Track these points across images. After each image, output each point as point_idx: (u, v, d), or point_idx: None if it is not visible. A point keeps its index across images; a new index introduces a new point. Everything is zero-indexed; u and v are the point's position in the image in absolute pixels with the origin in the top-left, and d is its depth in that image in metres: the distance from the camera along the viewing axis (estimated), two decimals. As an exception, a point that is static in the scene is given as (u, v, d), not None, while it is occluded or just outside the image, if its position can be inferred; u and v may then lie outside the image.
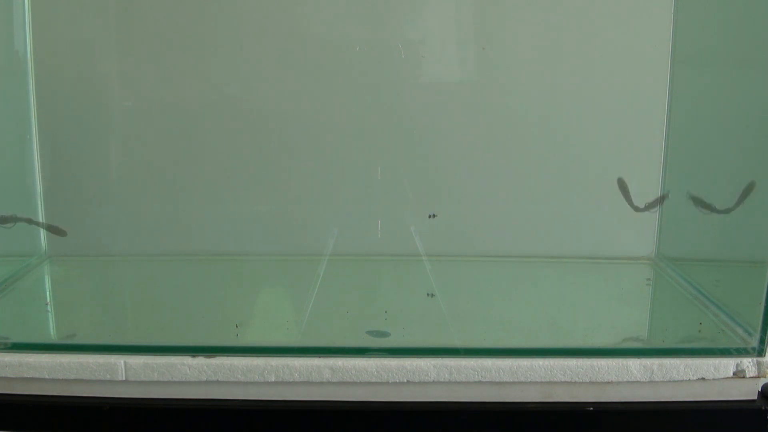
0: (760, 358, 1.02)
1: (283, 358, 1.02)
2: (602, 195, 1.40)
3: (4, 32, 1.35)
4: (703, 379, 1.02)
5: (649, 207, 1.31)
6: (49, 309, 1.26)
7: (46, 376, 1.02)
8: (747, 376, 1.02)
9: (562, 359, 1.01)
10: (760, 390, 1.02)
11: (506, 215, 1.42)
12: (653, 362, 1.01)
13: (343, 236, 1.40)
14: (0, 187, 1.37)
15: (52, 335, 1.19)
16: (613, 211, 1.41)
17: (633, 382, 1.01)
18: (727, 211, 1.17)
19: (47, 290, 1.37)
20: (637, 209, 1.31)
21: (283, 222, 1.43)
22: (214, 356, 1.02)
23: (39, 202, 1.40)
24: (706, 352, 1.03)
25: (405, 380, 1.01)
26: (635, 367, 1.01)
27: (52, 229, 1.29)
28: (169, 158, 1.40)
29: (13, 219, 1.08)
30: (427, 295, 1.28)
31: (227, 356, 1.02)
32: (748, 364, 1.02)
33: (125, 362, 1.02)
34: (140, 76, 1.37)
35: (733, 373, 1.02)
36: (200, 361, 1.02)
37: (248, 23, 1.35)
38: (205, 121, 1.38)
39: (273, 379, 1.02)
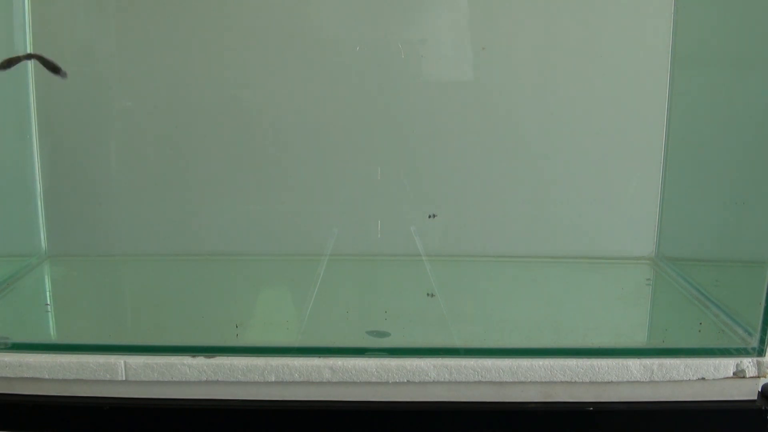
0: (760, 358, 1.02)
1: (283, 358, 1.02)
2: (602, 195, 1.41)
3: (4, 32, 1.35)
4: (703, 379, 1.02)
5: None
6: (49, 309, 1.26)
7: (46, 376, 1.02)
8: (747, 376, 1.02)
9: (562, 359, 1.01)
10: (760, 390, 1.02)
11: (506, 215, 1.42)
12: (653, 362, 1.01)
13: (343, 236, 1.40)
14: (0, 187, 1.37)
15: (52, 335, 1.19)
16: (613, 211, 1.41)
17: (633, 382, 1.01)
18: None
19: (47, 290, 1.37)
20: None
21: (283, 222, 1.43)
22: (214, 356, 1.02)
23: (39, 202, 1.40)
24: (706, 352, 1.03)
25: (405, 380, 1.01)
26: (635, 367, 1.01)
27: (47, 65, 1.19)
28: (169, 158, 1.40)
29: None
30: (427, 295, 1.28)
31: (227, 356, 1.02)
32: (748, 364, 1.02)
33: (125, 362, 1.02)
34: (140, 75, 1.37)
35: (733, 373, 1.02)
36: (200, 361, 1.02)
37: (248, 23, 1.35)
38: (205, 121, 1.38)
39: (273, 379, 1.02)
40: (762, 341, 1.03)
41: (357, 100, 1.37)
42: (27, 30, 1.34)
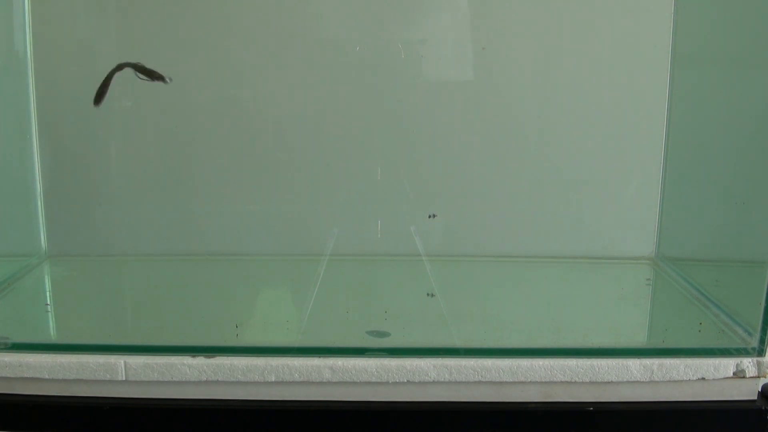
0: (760, 358, 1.02)
1: (283, 358, 1.02)
2: (602, 195, 1.41)
3: (4, 32, 1.35)
4: (703, 379, 1.02)
5: None
6: (49, 309, 1.26)
7: (46, 376, 1.02)
8: (747, 376, 1.02)
9: (562, 359, 1.01)
10: (760, 390, 1.02)
11: (506, 215, 1.42)
12: (653, 362, 1.01)
13: (343, 236, 1.40)
14: (0, 187, 1.37)
15: (52, 335, 1.19)
16: (613, 211, 1.41)
17: (633, 382, 1.01)
18: None
19: (47, 290, 1.37)
20: None
21: (283, 222, 1.43)
22: (214, 356, 1.02)
23: (39, 202, 1.40)
24: (706, 352, 1.03)
25: (405, 380, 1.01)
26: (635, 367, 1.01)
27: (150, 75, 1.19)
28: (169, 158, 1.40)
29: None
30: (427, 295, 1.28)
31: (227, 356, 1.02)
32: (748, 364, 1.02)
33: (125, 362, 1.02)
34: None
35: (733, 373, 1.02)
36: (200, 361, 1.02)
37: (249, 23, 1.35)
38: (205, 121, 1.38)
39: (273, 379, 1.02)
40: (762, 341, 1.03)
41: (357, 99, 1.37)
42: (27, 30, 1.34)
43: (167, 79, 1.19)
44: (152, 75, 1.20)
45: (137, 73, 1.19)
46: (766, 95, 1.13)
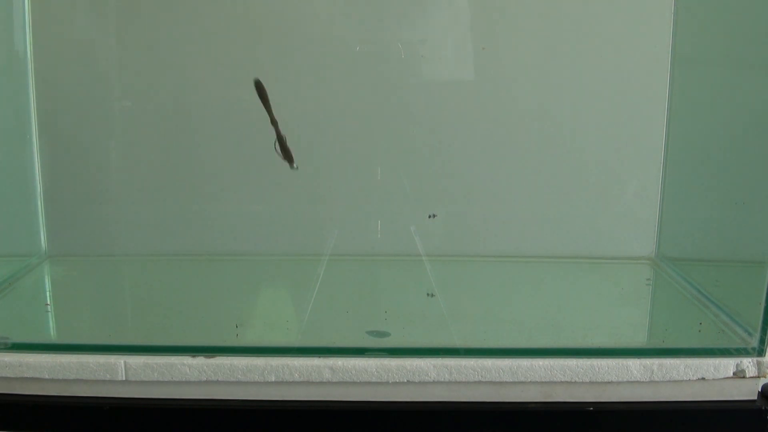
0: (760, 358, 1.02)
1: (283, 358, 1.02)
2: (602, 195, 1.41)
3: (4, 32, 1.35)
4: (703, 379, 1.02)
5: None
6: (49, 309, 1.26)
7: (46, 376, 1.02)
8: (747, 376, 1.02)
9: (562, 359, 1.01)
10: (760, 390, 1.02)
11: (506, 215, 1.42)
12: (653, 362, 1.01)
13: (343, 236, 1.40)
14: (0, 187, 1.37)
15: (52, 335, 1.19)
16: (613, 211, 1.41)
17: (633, 382, 1.01)
18: None
19: (47, 290, 1.37)
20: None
21: (283, 222, 1.43)
22: (214, 356, 1.02)
23: (39, 202, 1.40)
24: (706, 352, 1.03)
25: (405, 380, 1.01)
26: (635, 367, 1.01)
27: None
28: (169, 158, 1.40)
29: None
30: (427, 295, 1.28)
31: (227, 356, 1.02)
32: (748, 364, 1.02)
33: (125, 362, 1.02)
34: (140, 75, 1.37)
35: (733, 373, 1.02)
36: (200, 361, 1.02)
37: (249, 22, 1.35)
38: (204, 121, 1.38)
39: (273, 379, 1.02)
40: (762, 341, 1.03)
41: (357, 99, 1.37)
42: (27, 30, 1.34)
43: (294, 166, 1.22)
44: (287, 154, 1.20)
45: (276, 144, 1.19)
46: (766, 95, 1.12)
